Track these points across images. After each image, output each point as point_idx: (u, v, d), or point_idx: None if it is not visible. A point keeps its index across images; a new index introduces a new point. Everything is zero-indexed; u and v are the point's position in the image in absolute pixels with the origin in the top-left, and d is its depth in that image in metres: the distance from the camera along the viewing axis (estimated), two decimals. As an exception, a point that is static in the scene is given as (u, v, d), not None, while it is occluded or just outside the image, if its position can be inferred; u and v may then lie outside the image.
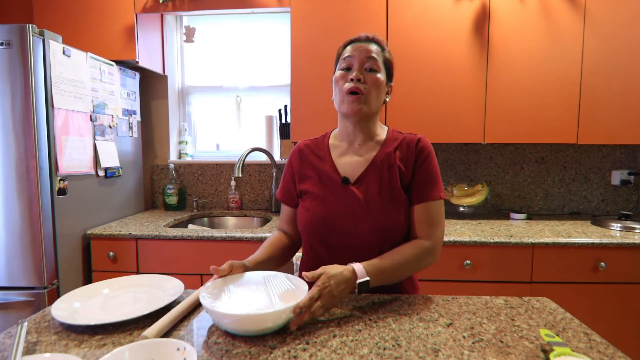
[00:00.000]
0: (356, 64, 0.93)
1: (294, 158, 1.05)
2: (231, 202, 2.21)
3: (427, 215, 0.92)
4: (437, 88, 1.81)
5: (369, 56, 0.93)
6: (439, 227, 0.93)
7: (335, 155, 1.00)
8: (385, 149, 0.97)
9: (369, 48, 0.94)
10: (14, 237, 1.48)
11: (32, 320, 0.78)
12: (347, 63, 0.95)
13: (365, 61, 0.93)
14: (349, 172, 0.97)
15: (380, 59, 0.95)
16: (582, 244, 1.53)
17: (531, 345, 0.67)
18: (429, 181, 0.94)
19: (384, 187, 0.93)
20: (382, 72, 0.95)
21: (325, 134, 1.06)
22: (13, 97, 1.43)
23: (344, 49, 0.98)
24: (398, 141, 0.97)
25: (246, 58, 2.34)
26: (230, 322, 0.68)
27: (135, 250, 1.68)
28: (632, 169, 2.07)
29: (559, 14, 1.74)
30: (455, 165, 2.15)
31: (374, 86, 0.93)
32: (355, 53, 0.94)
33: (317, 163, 1.00)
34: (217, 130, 2.42)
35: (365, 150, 0.98)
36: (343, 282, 0.78)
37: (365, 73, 0.93)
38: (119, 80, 1.93)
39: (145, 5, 1.92)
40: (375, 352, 0.65)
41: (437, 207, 0.93)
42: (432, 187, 0.94)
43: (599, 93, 1.76)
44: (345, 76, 0.94)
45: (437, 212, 0.93)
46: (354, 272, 0.80)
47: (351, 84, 0.92)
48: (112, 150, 1.87)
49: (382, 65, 0.96)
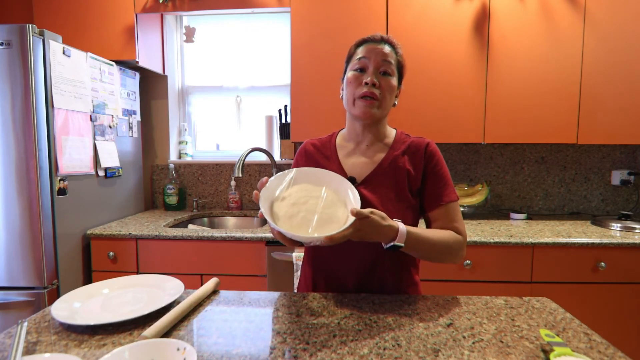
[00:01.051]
0: (371, 67, 0.92)
1: (300, 157, 1.04)
2: (231, 202, 2.21)
3: (450, 215, 0.93)
4: (437, 88, 1.81)
5: (384, 59, 0.92)
6: (462, 224, 0.94)
7: (342, 155, 1.00)
8: (393, 151, 0.96)
9: (384, 51, 0.92)
10: (14, 237, 1.48)
11: (32, 320, 0.78)
12: (361, 64, 0.93)
13: (380, 65, 0.92)
14: (355, 172, 0.96)
15: (394, 62, 0.94)
16: (582, 244, 1.53)
17: (531, 345, 0.67)
18: (444, 185, 0.94)
19: (391, 188, 0.93)
20: (395, 76, 0.94)
21: (332, 134, 1.06)
22: (13, 97, 1.43)
23: (357, 49, 0.96)
24: (406, 144, 0.97)
25: (246, 58, 2.34)
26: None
27: (135, 250, 1.68)
28: (632, 169, 2.07)
29: (559, 14, 1.74)
30: (455, 165, 2.15)
31: (388, 91, 0.92)
32: (371, 55, 0.92)
33: (324, 162, 1.00)
34: (217, 130, 2.42)
35: (372, 151, 0.98)
36: (380, 233, 0.79)
37: (380, 77, 0.92)
38: (119, 80, 1.93)
39: (145, 5, 1.92)
40: (375, 352, 0.65)
41: (455, 207, 0.95)
42: (447, 189, 0.94)
43: (599, 93, 1.76)
44: (359, 78, 0.93)
45: (457, 211, 0.95)
46: (395, 231, 0.80)
47: (366, 88, 0.91)
48: (112, 150, 1.87)
49: (396, 69, 0.94)
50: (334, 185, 0.87)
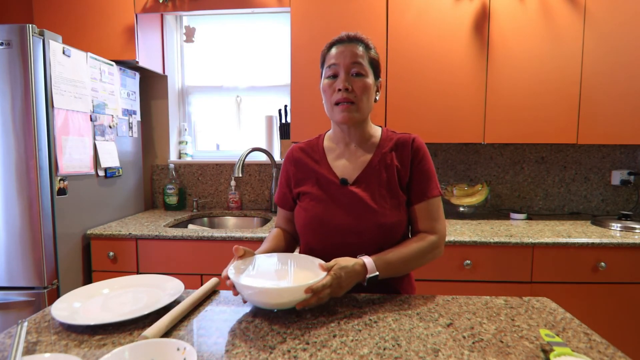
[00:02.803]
0: (342, 72, 0.91)
1: (288, 164, 1.05)
2: (231, 202, 2.21)
3: (429, 211, 0.95)
4: (437, 88, 1.81)
5: (354, 61, 0.90)
6: (441, 221, 0.96)
7: (332, 158, 1.01)
8: (381, 150, 0.97)
9: (353, 51, 0.91)
10: (14, 237, 1.47)
11: (32, 320, 0.78)
12: (332, 71, 0.93)
13: (351, 67, 0.91)
14: (346, 174, 0.97)
15: (366, 60, 0.92)
16: (582, 244, 1.53)
17: (531, 345, 0.67)
18: (427, 180, 0.96)
19: (383, 186, 0.94)
20: (369, 75, 0.93)
21: (319, 136, 1.07)
22: (13, 97, 1.43)
23: (328, 52, 0.95)
24: (393, 141, 0.98)
25: (246, 58, 2.34)
26: (250, 294, 0.75)
27: (135, 250, 1.68)
28: (632, 169, 2.07)
29: (559, 14, 1.74)
30: (455, 165, 2.15)
31: (363, 92, 0.91)
32: (340, 60, 0.91)
33: (314, 166, 1.01)
34: (217, 130, 2.42)
35: (361, 152, 0.98)
36: (354, 275, 0.82)
37: (352, 79, 0.91)
38: (119, 80, 1.93)
39: (145, 5, 1.92)
40: (375, 352, 0.65)
41: (436, 203, 0.96)
42: (430, 185, 0.95)
43: (599, 93, 1.76)
44: (332, 85, 0.93)
45: (438, 208, 0.96)
46: (364, 267, 0.84)
47: (339, 94, 0.91)
48: (112, 150, 1.87)
49: (369, 66, 0.93)
50: (299, 262, 0.91)
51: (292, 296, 0.74)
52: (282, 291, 0.74)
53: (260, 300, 0.76)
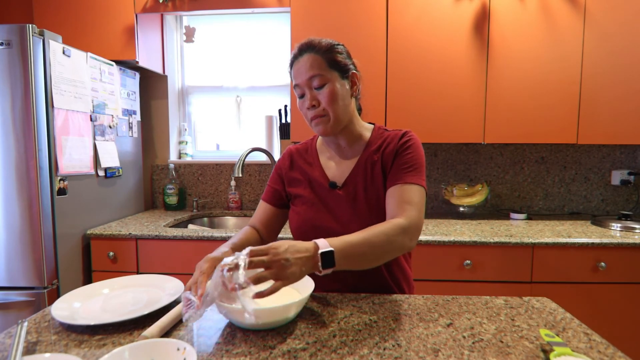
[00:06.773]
0: (305, 90, 0.90)
1: (284, 162, 1.05)
2: (231, 202, 2.21)
3: (402, 196, 0.86)
4: (437, 88, 1.81)
5: (311, 75, 0.88)
6: (414, 207, 0.85)
7: (324, 159, 1.01)
8: (369, 148, 0.96)
9: (307, 64, 0.88)
10: (14, 237, 1.47)
11: (32, 320, 0.78)
12: (299, 92, 0.92)
13: (310, 82, 0.89)
14: (336, 175, 0.97)
15: (325, 64, 0.88)
16: (582, 244, 1.53)
17: (531, 345, 0.67)
18: (409, 167, 0.89)
19: (369, 187, 0.93)
20: (332, 79, 0.89)
21: (313, 138, 1.07)
22: (13, 97, 1.43)
23: (291, 72, 0.93)
24: (382, 139, 0.96)
25: (246, 58, 2.34)
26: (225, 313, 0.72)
27: (135, 250, 1.67)
28: (632, 169, 2.07)
29: (559, 14, 1.74)
30: (455, 165, 2.15)
31: (331, 101, 0.88)
32: (299, 79, 0.90)
33: (307, 168, 1.01)
34: (217, 130, 2.42)
35: (352, 152, 0.98)
36: (303, 249, 0.71)
37: (317, 93, 0.89)
38: (119, 80, 1.93)
39: (145, 5, 1.92)
40: (375, 352, 0.65)
41: (413, 191, 0.87)
42: (411, 172, 0.89)
43: (599, 93, 1.76)
44: (301, 105, 0.93)
45: (414, 195, 0.86)
46: (315, 244, 0.73)
47: (310, 112, 0.90)
48: (112, 150, 1.87)
49: (330, 69, 0.89)
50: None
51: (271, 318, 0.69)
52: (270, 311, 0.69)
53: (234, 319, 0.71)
